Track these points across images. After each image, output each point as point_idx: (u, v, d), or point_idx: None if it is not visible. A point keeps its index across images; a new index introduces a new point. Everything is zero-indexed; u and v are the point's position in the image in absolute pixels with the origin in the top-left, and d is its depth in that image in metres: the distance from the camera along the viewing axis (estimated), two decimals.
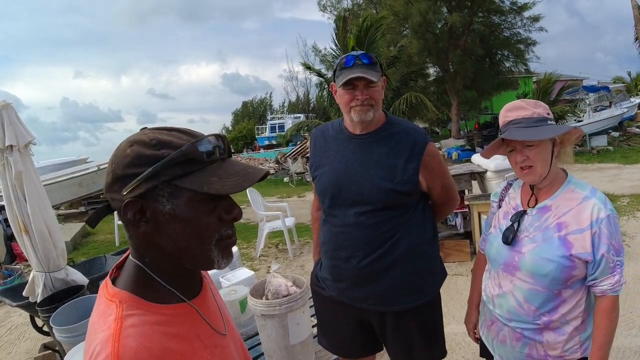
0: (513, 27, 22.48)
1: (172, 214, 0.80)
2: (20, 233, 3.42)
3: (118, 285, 0.85)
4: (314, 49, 32.22)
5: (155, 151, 0.79)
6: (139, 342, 0.74)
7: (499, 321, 1.70)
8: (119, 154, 0.80)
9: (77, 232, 9.21)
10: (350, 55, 1.79)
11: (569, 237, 1.49)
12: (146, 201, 0.79)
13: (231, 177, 0.81)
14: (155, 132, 0.82)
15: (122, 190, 0.78)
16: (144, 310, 0.80)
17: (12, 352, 4.42)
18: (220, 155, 0.84)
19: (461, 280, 4.98)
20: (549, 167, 1.54)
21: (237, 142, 35.92)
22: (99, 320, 0.80)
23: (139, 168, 0.78)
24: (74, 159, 16.34)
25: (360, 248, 1.84)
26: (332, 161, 1.92)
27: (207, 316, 0.92)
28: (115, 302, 0.80)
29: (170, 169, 0.78)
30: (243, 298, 2.78)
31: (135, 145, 0.80)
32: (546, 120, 1.54)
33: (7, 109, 3.30)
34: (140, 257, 0.85)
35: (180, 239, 0.82)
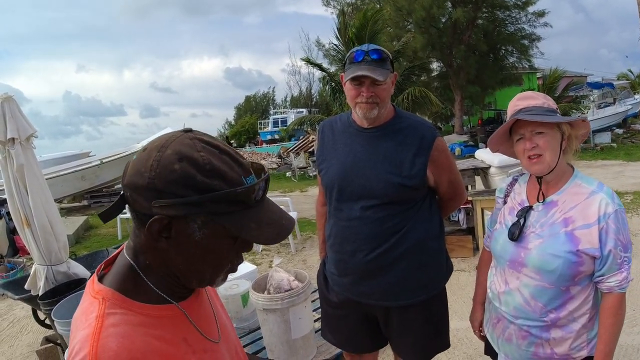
0: (517, 22, 22.42)
1: (198, 241, 0.77)
2: (22, 226, 3.42)
3: (105, 282, 0.82)
4: (317, 43, 32.15)
5: (206, 179, 0.73)
6: (119, 342, 0.71)
7: (505, 319, 1.67)
8: (163, 164, 0.73)
9: (80, 225, 9.24)
10: (360, 50, 1.77)
11: (575, 233, 1.47)
12: (176, 221, 0.75)
13: (267, 226, 0.80)
14: (208, 153, 0.76)
15: (154, 201, 0.73)
16: (127, 310, 0.77)
17: (14, 345, 4.44)
18: (261, 197, 0.81)
19: (464, 276, 4.97)
20: (558, 158, 1.51)
21: (240, 137, 35.94)
22: (80, 317, 0.78)
23: (183, 190, 0.73)
24: (77, 152, 16.39)
25: (367, 242, 1.84)
26: (340, 154, 1.91)
27: (196, 320, 0.88)
28: (99, 299, 0.77)
29: (215, 204, 0.74)
30: (245, 292, 2.77)
31: (186, 162, 0.73)
32: (554, 112, 1.54)
33: (9, 102, 3.29)
34: (136, 258, 0.82)
35: (197, 263, 0.81)
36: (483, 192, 5.22)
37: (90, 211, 12.38)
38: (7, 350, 4.34)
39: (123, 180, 0.78)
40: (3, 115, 3.25)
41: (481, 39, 21.53)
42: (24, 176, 3.32)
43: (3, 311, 5.40)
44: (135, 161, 0.77)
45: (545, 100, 1.55)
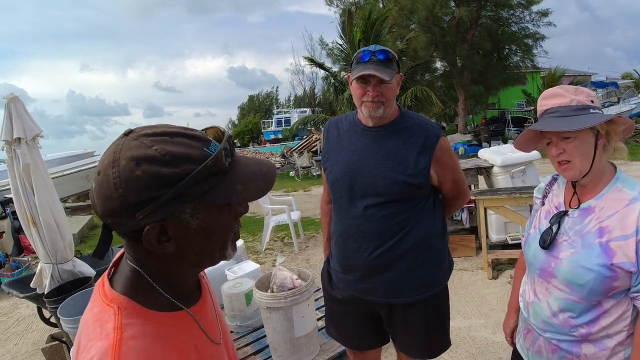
0: (521, 21, 22.35)
1: (197, 228, 0.75)
2: (28, 225, 3.45)
3: (115, 287, 0.80)
4: (320, 42, 32.12)
5: (172, 169, 0.70)
6: (142, 355, 0.71)
7: (534, 330, 1.56)
8: (124, 175, 0.68)
9: (84, 224, 9.28)
10: (367, 50, 1.80)
11: (611, 244, 1.31)
12: (168, 221, 0.73)
13: (252, 182, 0.79)
14: (159, 143, 0.71)
15: (136, 215, 0.69)
16: (143, 319, 0.75)
17: (20, 344, 4.47)
18: (229, 155, 0.78)
19: (466, 275, 4.98)
20: (591, 162, 1.36)
21: (244, 136, 35.96)
22: (94, 325, 0.75)
23: (156, 191, 0.69)
24: (81, 152, 16.43)
25: (371, 240, 1.86)
26: (345, 153, 1.93)
27: (204, 325, 0.88)
28: (114, 308, 0.75)
29: (194, 187, 0.71)
30: (248, 291, 2.79)
31: (144, 164, 0.69)
32: (588, 108, 1.35)
33: (15, 102, 3.32)
34: (140, 265, 0.79)
35: (206, 248, 0.79)
36: (486, 191, 5.21)
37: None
38: (12, 349, 4.37)
39: (96, 212, 0.73)
40: (9, 115, 3.28)
41: (485, 38, 21.48)
42: (30, 175, 3.34)
43: (8, 309, 5.43)
44: (96, 189, 0.71)
45: (575, 96, 1.37)
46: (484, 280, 4.79)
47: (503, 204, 4.77)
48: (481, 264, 5.13)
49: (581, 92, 1.38)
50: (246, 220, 9.61)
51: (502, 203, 4.77)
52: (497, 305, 4.13)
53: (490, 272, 4.84)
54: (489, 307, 4.13)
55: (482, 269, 5.06)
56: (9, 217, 7.80)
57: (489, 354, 3.35)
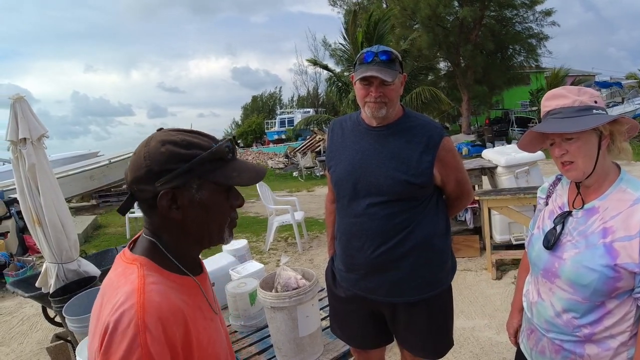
0: (525, 21, 22.29)
1: (200, 201, 0.96)
2: (33, 225, 3.46)
3: (136, 252, 0.99)
4: (323, 43, 32.16)
5: (188, 150, 0.94)
6: (161, 296, 0.89)
7: (537, 330, 1.56)
8: (152, 152, 0.93)
9: (89, 224, 9.31)
10: (369, 51, 1.81)
11: (615, 245, 1.32)
12: (178, 191, 0.94)
13: (245, 172, 1.00)
14: (181, 134, 0.97)
15: (156, 182, 0.92)
16: (159, 274, 0.95)
17: (24, 343, 4.48)
18: (233, 155, 1.02)
19: (470, 275, 4.98)
20: (594, 163, 1.36)
21: (247, 137, 36.05)
22: (118, 279, 0.94)
23: (175, 164, 0.92)
24: (85, 152, 16.49)
25: (374, 238, 1.87)
26: (349, 152, 1.95)
27: (206, 294, 1.08)
28: (136, 264, 0.95)
29: (201, 166, 0.95)
30: (253, 290, 2.79)
31: (168, 144, 0.94)
32: (591, 109, 1.35)
33: (21, 102, 3.33)
34: (155, 236, 0.99)
35: (204, 222, 0.99)
36: (490, 191, 5.21)
37: (98, 210, 12.47)
38: (17, 348, 4.38)
39: (127, 182, 0.96)
40: (15, 116, 3.29)
41: (488, 38, 21.42)
42: (36, 175, 3.36)
43: (13, 309, 5.45)
44: (130, 163, 0.96)
45: (577, 97, 1.37)
46: (488, 281, 4.79)
47: (507, 204, 4.76)
48: (485, 265, 5.13)
49: (584, 93, 1.38)
50: (250, 221, 9.63)
51: (506, 203, 4.76)
52: (501, 305, 4.12)
53: (494, 273, 4.84)
54: (492, 307, 4.13)
55: (486, 269, 5.05)
56: (13, 216, 7.83)
57: (493, 354, 3.35)
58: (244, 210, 11.17)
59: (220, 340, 1.08)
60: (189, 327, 0.92)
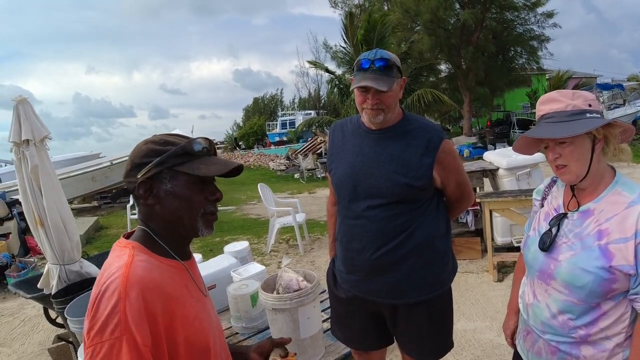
0: (526, 23, 22.31)
1: (172, 191, 1.09)
2: (35, 226, 3.47)
3: (130, 239, 1.13)
4: (324, 45, 32.20)
5: (162, 147, 1.10)
6: (144, 270, 1.01)
7: (533, 332, 1.57)
8: (136, 149, 1.12)
9: (90, 226, 9.32)
10: (366, 58, 1.81)
11: (610, 247, 1.32)
12: (154, 182, 1.09)
13: (214, 165, 1.13)
14: (163, 135, 1.15)
15: (137, 174, 1.08)
16: (148, 255, 1.07)
17: (26, 344, 4.48)
18: (207, 152, 1.15)
19: (471, 277, 4.97)
20: (588, 166, 1.37)
21: (248, 138, 36.08)
22: (112, 260, 1.06)
23: (150, 158, 1.09)
24: (87, 154, 16.51)
25: (373, 240, 1.88)
26: (349, 155, 1.96)
27: (194, 276, 1.19)
28: (129, 247, 1.07)
29: (172, 159, 1.09)
30: (254, 292, 2.80)
31: (149, 143, 1.12)
32: (584, 112, 1.36)
33: (24, 104, 3.34)
34: (146, 225, 1.13)
35: (176, 210, 1.10)
36: (491, 194, 5.20)
37: (100, 212, 12.49)
38: (18, 349, 4.39)
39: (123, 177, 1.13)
40: (18, 117, 3.30)
41: (490, 40, 21.45)
42: (38, 177, 3.37)
43: (14, 310, 5.46)
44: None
45: (571, 101, 1.38)
46: (489, 283, 4.78)
47: (508, 206, 4.76)
48: (486, 267, 5.13)
49: (579, 97, 1.39)
50: (251, 222, 9.64)
51: (508, 205, 4.76)
52: (502, 307, 4.11)
53: (495, 275, 4.83)
54: (494, 309, 4.12)
55: (487, 271, 5.05)
56: (15, 218, 7.84)
57: (494, 357, 3.35)
58: (246, 212, 11.19)
59: (209, 319, 1.18)
60: (170, 301, 1.03)
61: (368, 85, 1.75)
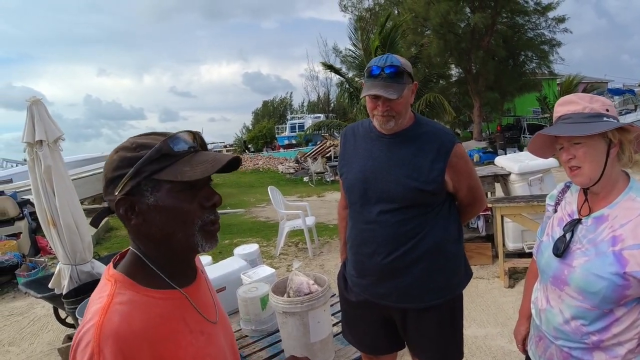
0: (537, 27, 22.24)
1: (156, 205, 0.90)
2: (48, 226, 3.49)
3: (117, 268, 0.95)
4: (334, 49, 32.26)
5: (135, 153, 0.90)
6: (121, 317, 0.84)
7: (546, 338, 1.56)
8: (108, 161, 0.93)
9: (100, 227, 9.36)
10: (376, 65, 1.80)
11: (624, 253, 1.31)
12: (134, 197, 0.90)
13: (201, 165, 0.91)
14: (136, 138, 0.95)
15: (114, 190, 0.89)
16: (133, 291, 0.90)
17: (35, 343, 4.51)
18: (191, 149, 0.94)
19: (482, 283, 4.93)
20: (602, 169, 1.36)
21: (257, 141, 36.16)
22: (95, 295, 0.92)
23: (124, 169, 0.89)
24: (97, 155, 16.62)
25: (384, 245, 1.87)
26: (360, 159, 1.95)
27: (197, 304, 1.00)
28: (112, 281, 0.91)
29: (148, 166, 0.88)
30: (264, 295, 2.79)
31: (120, 151, 0.92)
32: (601, 116, 1.36)
33: (37, 105, 3.38)
34: (136, 247, 0.96)
35: (166, 227, 0.92)
36: (503, 199, 5.16)
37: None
38: (27, 348, 4.41)
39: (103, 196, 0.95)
40: (32, 118, 3.34)
41: (500, 45, 21.39)
42: (51, 177, 3.40)
43: (24, 309, 5.49)
44: None
45: (589, 104, 1.38)
46: (500, 289, 4.74)
47: (520, 211, 4.72)
48: (497, 273, 5.08)
49: (596, 101, 1.39)
50: (260, 225, 9.66)
51: (520, 211, 4.72)
52: (513, 314, 4.08)
53: (506, 281, 4.80)
54: (505, 315, 4.09)
55: (498, 277, 5.01)
56: (26, 218, 7.91)
57: None
58: (255, 215, 11.21)
59: (215, 352, 1.02)
60: (159, 346, 0.87)
61: (377, 94, 1.75)
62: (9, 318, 5.25)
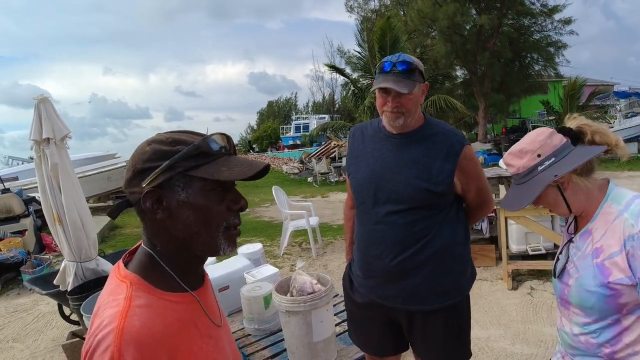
0: (543, 29, 22.13)
1: (186, 201, 0.89)
2: (53, 223, 3.52)
3: (129, 268, 0.93)
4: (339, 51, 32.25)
5: (171, 147, 0.89)
6: (142, 322, 0.82)
7: (568, 355, 1.57)
8: (138, 152, 0.91)
9: (105, 225, 9.42)
10: (388, 61, 1.80)
11: (606, 263, 1.32)
12: (163, 191, 0.88)
13: (237, 167, 0.91)
14: (171, 133, 0.93)
15: (142, 182, 0.88)
16: (150, 294, 0.88)
17: (39, 340, 4.53)
18: (226, 151, 0.94)
19: (485, 285, 4.93)
20: (567, 205, 1.41)
21: (262, 141, 36.23)
22: (108, 298, 0.87)
23: (157, 162, 0.88)
24: (103, 154, 16.69)
25: (392, 246, 1.86)
26: (369, 159, 1.94)
27: (206, 308, 1.00)
28: (127, 283, 0.88)
29: (184, 162, 0.88)
30: (267, 294, 2.80)
31: (154, 143, 0.90)
32: (535, 168, 1.38)
33: (45, 103, 3.40)
34: (151, 245, 0.93)
35: (192, 225, 0.90)
36: None
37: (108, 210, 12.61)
38: (31, 344, 4.43)
39: (124, 188, 0.93)
40: (39, 116, 3.36)
41: (506, 46, 21.28)
42: (58, 175, 3.42)
43: (28, 306, 5.52)
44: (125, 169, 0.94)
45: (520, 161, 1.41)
46: (504, 291, 4.74)
47: (524, 214, 4.71)
48: (501, 275, 5.08)
49: (525, 154, 1.40)
50: (264, 225, 9.67)
51: (524, 213, 4.71)
52: (516, 316, 4.08)
53: (510, 283, 4.79)
54: (508, 317, 4.08)
55: (501, 279, 5.00)
56: (31, 215, 7.96)
57: None
58: (259, 215, 11.22)
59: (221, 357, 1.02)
60: (176, 352, 0.86)
61: (388, 87, 1.74)
62: (14, 314, 5.28)
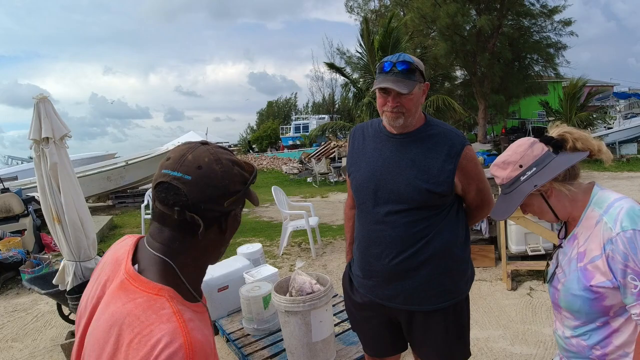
0: (543, 30, 22.14)
1: (235, 220, 0.99)
2: (53, 222, 3.51)
3: (151, 278, 0.90)
4: (338, 51, 32.23)
5: (245, 173, 0.97)
6: (201, 334, 0.84)
7: (564, 358, 1.59)
8: (228, 172, 0.93)
9: (105, 224, 9.41)
10: (388, 61, 1.80)
11: (588, 267, 1.35)
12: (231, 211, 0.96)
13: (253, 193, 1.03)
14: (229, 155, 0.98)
15: (225, 202, 0.92)
16: (185, 306, 0.89)
17: (38, 339, 4.52)
18: None
19: (485, 285, 4.93)
20: (552, 212, 1.45)
21: (262, 142, 36.19)
22: (146, 313, 0.83)
23: (240, 185, 0.95)
24: (103, 153, 16.72)
25: (392, 246, 1.86)
26: (369, 159, 1.94)
27: None
28: (165, 297, 0.86)
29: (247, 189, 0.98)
30: (266, 294, 2.80)
31: (236, 167, 0.96)
32: (518, 178, 1.42)
33: (44, 102, 3.40)
34: (171, 256, 0.92)
35: (225, 242, 1.00)
36: None
37: (114, 211, 12.60)
38: (30, 344, 4.42)
39: (188, 201, 0.89)
40: (38, 115, 3.36)
41: (506, 47, 21.28)
42: (57, 174, 3.42)
43: (27, 305, 5.51)
44: (199, 180, 0.90)
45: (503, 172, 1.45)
46: (503, 291, 4.73)
47: (523, 214, 4.70)
48: (500, 275, 5.07)
49: (507, 165, 1.44)
50: (264, 225, 9.66)
51: (523, 214, 4.70)
52: (515, 316, 4.08)
53: (509, 283, 4.79)
54: (507, 318, 4.08)
55: (501, 279, 5.00)
56: (31, 215, 7.95)
57: None
58: (258, 215, 11.21)
59: None
60: None
61: (388, 87, 1.74)
62: (13, 314, 5.27)
